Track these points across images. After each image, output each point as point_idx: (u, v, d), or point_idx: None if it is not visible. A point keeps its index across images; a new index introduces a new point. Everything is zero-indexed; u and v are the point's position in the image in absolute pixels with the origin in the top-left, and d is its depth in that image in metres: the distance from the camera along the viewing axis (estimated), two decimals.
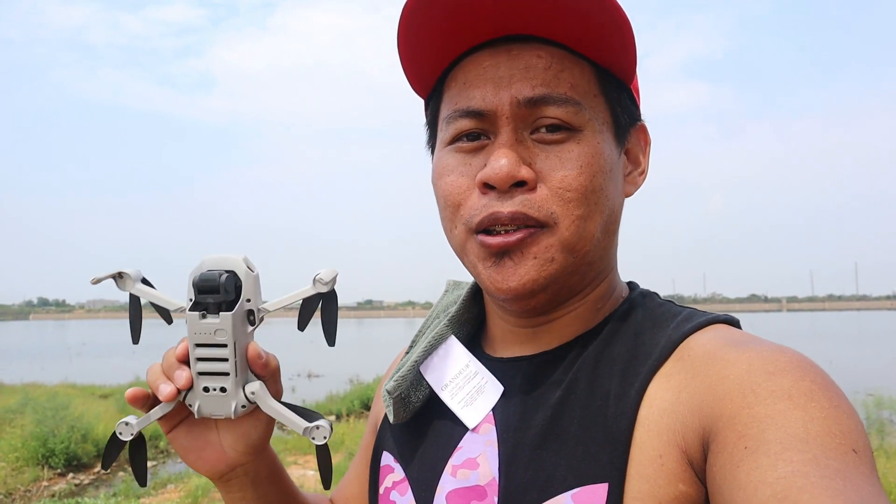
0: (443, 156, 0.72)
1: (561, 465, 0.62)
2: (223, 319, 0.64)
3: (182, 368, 0.66)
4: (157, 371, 0.68)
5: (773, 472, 0.47)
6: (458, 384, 0.74)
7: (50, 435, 8.37)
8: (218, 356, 0.65)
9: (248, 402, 0.67)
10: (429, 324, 0.86)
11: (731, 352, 0.59)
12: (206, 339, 0.64)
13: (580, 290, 0.72)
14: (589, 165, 0.66)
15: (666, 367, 0.63)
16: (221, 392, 0.65)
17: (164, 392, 0.65)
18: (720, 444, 0.53)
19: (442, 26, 0.67)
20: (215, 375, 0.65)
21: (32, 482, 7.87)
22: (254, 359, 0.66)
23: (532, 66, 0.66)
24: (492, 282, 0.68)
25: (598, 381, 0.66)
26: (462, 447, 0.71)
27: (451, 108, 0.70)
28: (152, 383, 0.67)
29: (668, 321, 0.68)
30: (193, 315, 0.64)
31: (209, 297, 0.64)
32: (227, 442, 0.71)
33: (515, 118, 0.66)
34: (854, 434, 0.50)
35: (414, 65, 0.72)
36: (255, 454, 0.72)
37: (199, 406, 0.66)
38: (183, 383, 0.65)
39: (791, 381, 0.54)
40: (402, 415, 0.76)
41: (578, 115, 0.66)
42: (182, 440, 0.71)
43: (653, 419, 0.60)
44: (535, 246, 0.66)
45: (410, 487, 0.73)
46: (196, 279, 0.64)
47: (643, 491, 0.58)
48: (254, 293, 0.66)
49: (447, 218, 0.72)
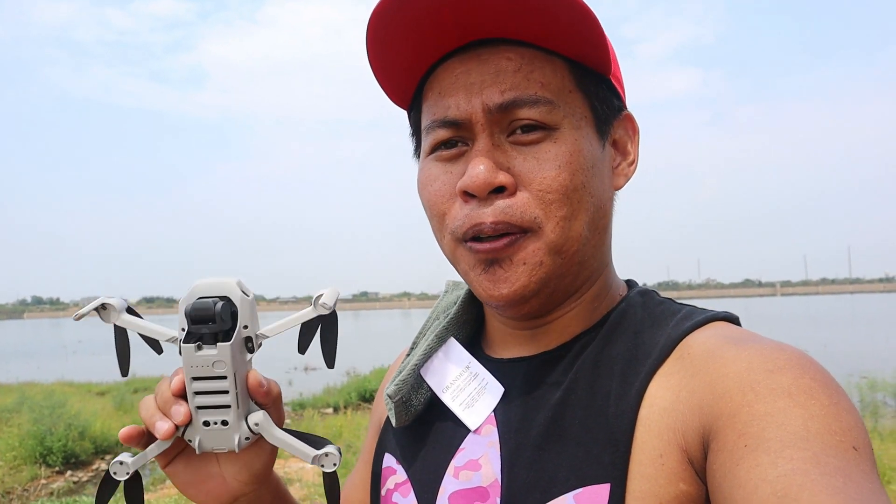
0: (425, 166, 0.72)
1: (563, 465, 0.62)
2: (221, 350, 0.60)
3: (179, 403, 0.62)
4: (151, 406, 0.64)
5: (773, 469, 0.47)
6: (458, 386, 0.74)
7: (47, 433, 8.36)
8: (217, 389, 0.61)
9: (251, 434, 0.64)
10: (429, 325, 0.86)
11: (731, 350, 0.59)
12: (204, 371, 0.61)
13: (575, 290, 0.72)
14: (568, 164, 0.65)
15: (666, 366, 0.63)
16: (223, 425, 0.62)
17: (161, 430, 0.61)
18: (720, 443, 0.53)
19: (409, 39, 0.66)
20: (215, 409, 0.62)
21: (30, 481, 7.86)
22: (255, 388, 0.63)
23: (502, 70, 0.66)
24: (483, 289, 0.67)
25: (599, 381, 0.66)
26: (464, 448, 0.71)
27: (429, 118, 0.70)
28: (147, 420, 0.63)
29: (667, 319, 0.68)
30: (188, 347, 0.60)
31: (204, 328, 0.60)
32: (230, 473, 0.68)
33: (490, 123, 0.66)
34: (854, 431, 0.50)
35: (389, 79, 0.72)
36: (259, 483, 0.70)
37: (200, 441, 0.63)
38: (181, 419, 0.61)
39: (791, 379, 0.53)
40: (404, 418, 0.76)
41: (552, 114, 0.65)
42: (181, 475, 0.68)
43: (653, 419, 0.60)
44: (522, 251, 0.65)
45: (413, 489, 0.73)
46: (188, 309, 0.60)
47: (644, 490, 0.58)
48: (251, 319, 0.62)
49: (435, 227, 0.72)
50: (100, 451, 9.10)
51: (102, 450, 9.14)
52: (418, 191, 0.74)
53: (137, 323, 0.65)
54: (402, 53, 0.68)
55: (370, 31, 0.65)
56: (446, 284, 0.92)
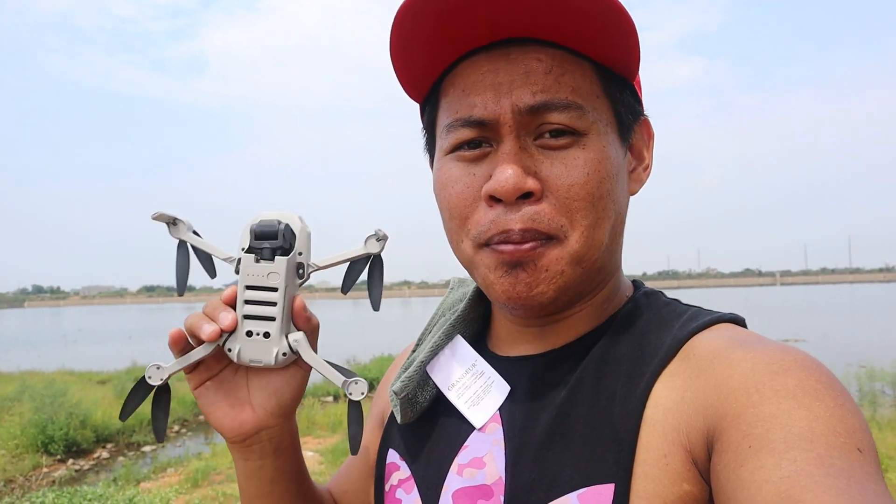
0: (444, 165, 0.70)
1: (567, 464, 0.62)
2: (278, 263, 0.64)
3: (227, 310, 0.65)
4: (197, 315, 0.66)
5: (777, 471, 0.47)
6: (464, 384, 0.74)
7: (48, 422, 8.39)
8: (267, 299, 0.65)
9: (289, 351, 0.66)
10: (435, 321, 0.85)
11: (736, 351, 0.59)
12: (258, 280, 0.64)
13: (588, 293, 0.71)
14: (596, 171, 0.64)
15: (671, 366, 0.63)
16: (265, 337, 0.65)
17: (208, 331, 0.63)
18: (724, 444, 0.53)
19: (436, 31, 0.64)
20: (261, 320, 0.65)
21: (32, 469, 7.90)
22: (299, 311, 0.66)
23: (532, 71, 0.64)
24: (503, 291, 0.66)
25: (604, 380, 0.65)
26: (468, 446, 0.71)
27: (450, 116, 0.68)
28: (194, 325, 0.65)
29: (673, 320, 0.68)
30: (248, 257, 0.65)
31: (265, 243, 0.64)
32: (258, 400, 0.69)
33: (518, 126, 0.64)
34: (859, 433, 0.50)
35: (408, 70, 0.70)
36: (283, 417, 0.71)
37: (240, 351, 0.65)
38: (228, 323, 0.64)
39: (796, 381, 0.53)
40: (409, 415, 0.76)
41: (582, 119, 0.64)
42: (210, 396, 0.69)
43: (658, 419, 0.60)
44: (545, 258, 0.65)
45: (416, 486, 0.73)
46: (255, 225, 0.65)
47: (648, 491, 0.58)
48: (306, 248, 0.66)
49: (453, 230, 0.70)
50: (101, 440, 9.14)
51: (103, 438, 9.18)
52: (436, 190, 0.72)
53: (200, 241, 0.69)
54: (427, 45, 0.66)
55: (398, 17, 0.63)
56: (451, 281, 0.92)
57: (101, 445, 9.10)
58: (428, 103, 0.74)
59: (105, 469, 8.22)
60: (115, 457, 8.81)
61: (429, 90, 0.73)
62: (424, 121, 0.76)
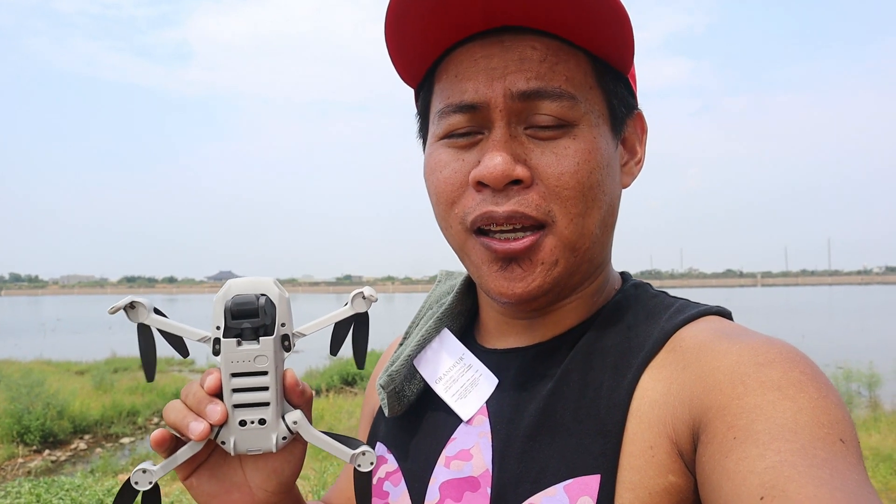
0: (435, 150, 0.70)
1: (554, 456, 0.62)
2: (264, 344, 0.59)
3: (215, 402, 0.59)
4: (180, 409, 0.61)
5: (761, 461, 0.48)
6: (452, 377, 0.74)
7: (25, 412, 8.29)
8: (257, 385, 0.60)
9: (289, 433, 0.61)
10: (422, 314, 0.85)
11: (722, 343, 0.60)
12: (245, 367, 0.59)
13: (579, 285, 0.72)
14: (586, 161, 0.64)
15: (658, 358, 0.63)
16: (260, 424, 0.60)
17: (197, 430, 0.58)
18: (710, 435, 0.53)
19: (432, 17, 0.64)
20: (252, 407, 0.60)
21: (7, 460, 7.80)
22: (292, 387, 0.61)
23: (526, 58, 0.64)
24: (497, 286, 0.67)
25: (591, 372, 0.66)
26: (455, 438, 0.71)
27: (443, 101, 0.68)
28: (179, 422, 0.60)
29: (660, 313, 0.68)
30: (230, 342, 0.59)
31: (245, 322, 0.59)
32: (256, 482, 0.65)
33: (509, 111, 0.64)
34: (842, 424, 0.51)
35: (403, 55, 0.70)
36: (285, 493, 0.67)
37: (236, 442, 0.60)
38: (217, 418, 0.58)
39: (780, 372, 0.54)
40: (396, 408, 0.76)
41: (574, 110, 0.64)
42: (204, 486, 0.64)
43: (644, 411, 0.61)
44: (541, 251, 0.65)
45: (404, 478, 0.73)
46: (230, 303, 0.59)
47: (634, 482, 0.58)
48: (288, 317, 0.61)
49: (441, 215, 0.70)
50: (78, 431, 9.05)
51: (81, 429, 9.09)
52: (425, 175, 0.72)
53: (166, 322, 0.63)
54: (422, 31, 0.66)
55: (394, 2, 0.63)
56: (439, 274, 0.92)
57: (79, 436, 9.01)
58: (422, 89, 0.74)
59: (82, 460, 8.13)
60: (93, 448, 8.72)
61: (423, 76, 0.73)
62: (418, 106, 0.76)
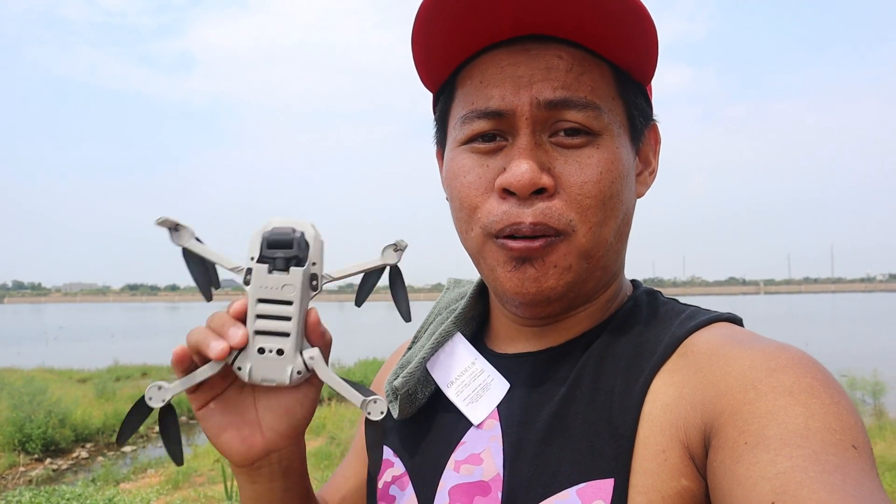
0: (457, 156, 0.70)
1: (566, 460, 0.62)
2: (293, 274, 0.60)
3: (237, 326, 0.60)
4: (203, 330, 0.61)
5: (772, 467, 0.47)
6: (463, 381, 0.74)
7: (26, 420, 8.29)
8: (281, 314, 0.60)
9: (304, 369, 0.61)
10: (430, 320, 0.86)
11: (734, 349, 0.60)
12: (272, 293, 0.60)
13: (592, 294, 0.72)
14: (608, 171, 0.65)
15: (669, 363, 0.63)
16: (278, 354, 0.60)
17: (216, 349, 0.58)
18: (721, 440, 0.53)
19: (462, 22, 0.65)
20: (273, 336, 0.60)
21: (8, 468, 7.79)
22: (314, 325, 0.61)
23: (553, 67, 0.64)
24: (511, 286, 0.67)
25: (603, 377, 0.66)
26: (465, 442, 0.70)
27: (467, 107, 0.68)
28: (200, 342, 0.60)
29: (671, 319, 0.69)
30: (261, 268, 0.60)
31: (279, 252, 0.60)
32: (268, 421, 0.64)
33: (535, 120, 0.65)
34: (854, 430, 0.50)
35: (429, 58, 0.70)
36: (294, 437, 0.66)
37: (251, 369, 0.60)
38: (238, 340, 0.58)
39: (792, 378, 0.54)
40: (407, 411, 0.76)
41: (598, 120, 0.65)
42: (216, 418, 0.64)
43: (656, 415, 0.61)
44: (554, 254, 0.65)
45: (411, 482, 0.73)
46: (267, 233, 0.60)
47: (647, 486, 0.58)
48: (319, 258, 0.62)
49: (462, 220, 0.70)
50: (80, 439, 9.04)
51: (83, 437, 9.07)
52: (447, 180, 0.72)
53: (204, 248, 0.64)
54: (450, 35, 0.66)
55: (424, 6, 0.64)
56: (447, 282, 0.92)
57: (81, 445, 8.99)
58: (442, 94, 0.74)
59: (84, 469, 8.12)
60: (95, 456, 8.71)
61: (444, 80, 0.73)
62: (437, 111, 0.76)
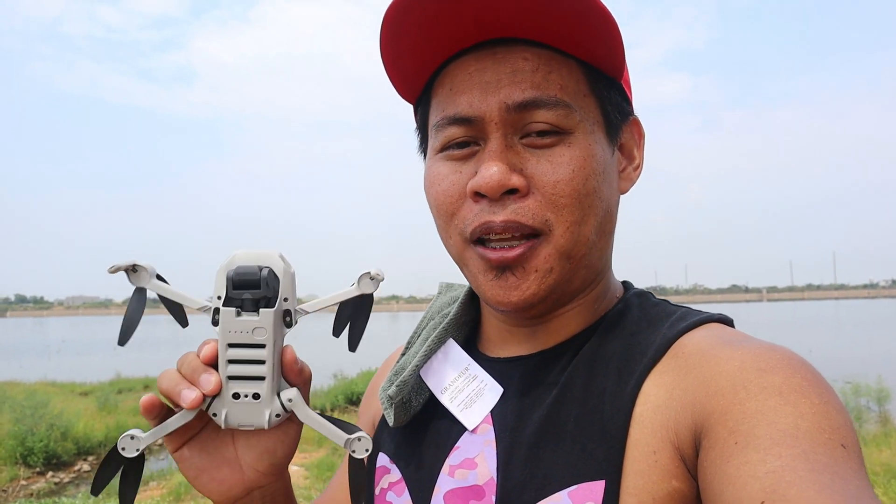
0: (434, 164, 0.71)
1: (558, 463, 0.62)
2: (264, 316, 0.57)
3: (210, 372, 0.58)
4: (174, 377, 0.59)
5: (762, 466, 0.48)
6: (457, 387, 0.74)
7: (28, 433, 8.27)
8: (253, 358, 0.58)
9: (283, 411, 0.60)
10: (423, 325, 0.86)
11: (724, 350, 0.60)
12: (242, 338, 0.57)
13: (578, 292, 0.72)
14: (581, 168, 0.65)
15: (660, 365, 0.64)
16: (254, 399, 0.58)
17: (189, 398, 0.57)
18: (711, 440, 0.53)
19: (424, 32, 0.65)
20: (248, 380, 0.58)
21: (10, 481, 7.76)
22: (290, 364, 0.60)
23: (519, 70, 0.65)
24: (493, 295, 0.67)
25: (594, 379, 0.66)
26: (459, 447, 0.71)
27: (439, 115, 0.69)
28: (171, 390, 0.58)
29: (662, 320, 0.69)
30: (228, 311, 0.57)
31: (246, 293, 0.57)
32: (248, 460, 0.63)
33: (504, 123, 0.65)
34: (843, 430, 0.51)
35: (399, 71, 0.71)
36: (276, 474, 0.65)
37: (227, 415, 0.59)
38: (211, 388, 0.57)
39: (782, 378, 0.54)
40: (402, 418, 0.76)
41: (569, 118, 0.65)
42: (194, 459, 0.63)
43: (647, 416, 0.61)
44: (534, 259, 0.65)
45: (407, 488, 0.73)
46: (232, 273, 0.57)
47: (638, 487, 0.58)
48: (291, 292, 0.59)
49: (442, 227, 0.71)
50: (82, 452, 9.01)
51: (85, 451, 9.04)
52: (425, 188, 0.73)
53: (167, 288, 0.61)
54: (416, 46, 0.67)
55: (387, 19, 0.64)
56: (439, 286, 0.92)
57: (83, 458, 8.96)
58: (420, 103, 0.75)
59: (85, 482, 8.08)
60: (96, 469, 8.67)
61: (421, 90, 0.73)
62: (417, 120, 0.77)
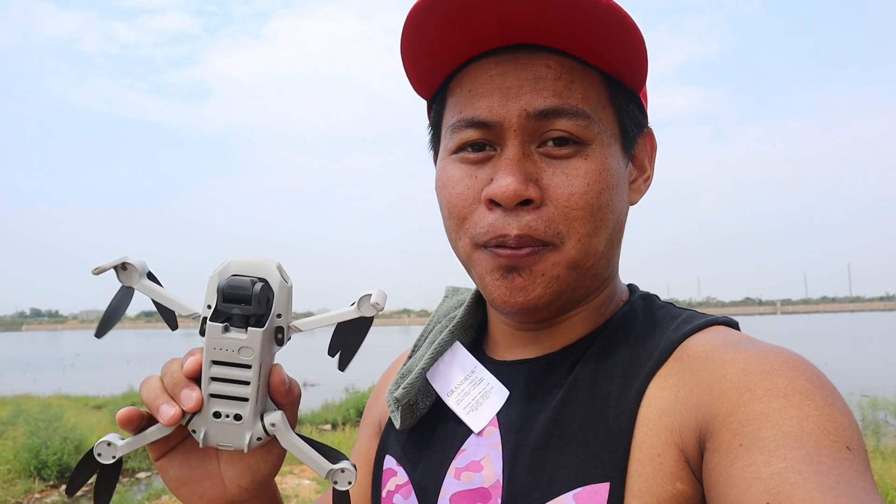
0: (447, 165, 0.70)
1: (563, 465, 0.63)
2: (251, 336, 0.54)
3: (192, 388, 0.55)
4: (156, 388, 0.57)
5: (766, 468, 0.48)
6: (463, 390, 0.74)
7: (42, 446, 8.30)
8: (238, 378, 0.55)
9: (264, 435, 0.57)
10: (430, 329, 0.86)
11: (729, 352, 0.60)
12: (228, 356, 0.54)
13: (585, 298, 0.72)
14: (596, 182, 0.65)
15: (665, 367, 0.64)
16: (235, 420, 0.56)
17: (167, 415, 0.54)
18: (716, 442, 0.54)
19: (447, 31, 0.65)
20: (230, 400, 0.56)
21: (24, 494, 7.79)
22: (277, 385, 0.57)
23: (541, 77, 0.65)
24: (499, 295, 0.67)
25: (599, 382, 0.66)
26: (465, 450, 0.71)
27: (456, 116, 0.68)
28: (151, 402, 0.56)
29: (667, 323, 0.69)
30: (215, 326, 0.54)
31: (236, 308, 0.53)
32: (230, 475, 0.61)
33: (523, 130, 0.65)
34: (848, 432, 0.51)
35: (417, 68, 0.71)
36: (260, 489, 0.63)
37: (206, 434, 0.57)
38: (191, 406, 0.55)
39: (787, 380, 0.54)
40: (409, 421, 0.76)
41: (588, 129, 0.65)
42: (175, 471, 0.61)
43: (652, 418, 0.61)
44: (542, 263, 0.65)
45: (414, 490, 0.73)
46: (223, 284, 0.53)
47: (642, 489, 0.58)
48: (286, 308, 0.55)
49: (452, 228, 0.71)
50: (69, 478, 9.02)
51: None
52: (437, 188, 0.73)
53: (157, 290, 0.58)
54: (437, 43, 0.67)
55: (412, 14, 0.64)
56: (446, 290, 0.93)
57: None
58: (435, 101, 0.75)
59: None
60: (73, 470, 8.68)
61: (437, 87, 0.73)
62: (431, 118, 0.77)
